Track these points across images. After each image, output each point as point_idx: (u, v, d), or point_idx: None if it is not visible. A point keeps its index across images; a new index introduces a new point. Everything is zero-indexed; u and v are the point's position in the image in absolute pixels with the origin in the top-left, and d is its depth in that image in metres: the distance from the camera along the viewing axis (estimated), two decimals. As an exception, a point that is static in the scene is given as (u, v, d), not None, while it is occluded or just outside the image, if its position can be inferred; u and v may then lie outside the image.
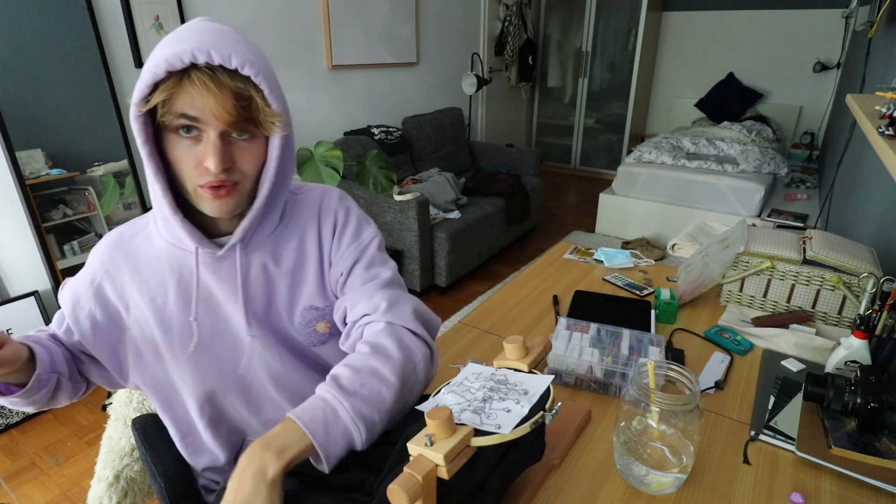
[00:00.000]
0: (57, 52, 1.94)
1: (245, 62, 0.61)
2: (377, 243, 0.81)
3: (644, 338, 0.98)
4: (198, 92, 0.61)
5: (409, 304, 0.76)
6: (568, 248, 1.57)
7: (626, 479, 0.74)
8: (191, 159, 0.65)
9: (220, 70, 0.61)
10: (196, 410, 0.80)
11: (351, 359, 0.69)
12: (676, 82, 5.00)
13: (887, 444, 0.75)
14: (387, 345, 0.70)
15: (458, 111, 3.77)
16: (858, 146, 2.13)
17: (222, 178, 0.65)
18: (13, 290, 2.04)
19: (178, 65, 0.59)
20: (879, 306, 0.90)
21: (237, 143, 0.66)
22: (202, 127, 0.63)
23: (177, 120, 0.62)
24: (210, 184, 0.65)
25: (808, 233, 1.22)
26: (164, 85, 0.60)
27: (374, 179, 2.39)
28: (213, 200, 0.67)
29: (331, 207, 0.81)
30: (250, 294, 0.76)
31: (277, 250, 0.77)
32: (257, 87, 0.63)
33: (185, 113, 0.62)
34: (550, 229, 3.88)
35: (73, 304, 0.76)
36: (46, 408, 0.75)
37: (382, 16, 3.29)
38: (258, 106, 0.64)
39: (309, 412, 0.62)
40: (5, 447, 1.81)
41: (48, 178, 1.96)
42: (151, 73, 0.60)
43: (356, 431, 0.63)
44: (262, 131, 0.67)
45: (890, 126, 0.83)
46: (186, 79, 0.60)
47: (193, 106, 0.61)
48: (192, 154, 0.64)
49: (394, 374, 0.67)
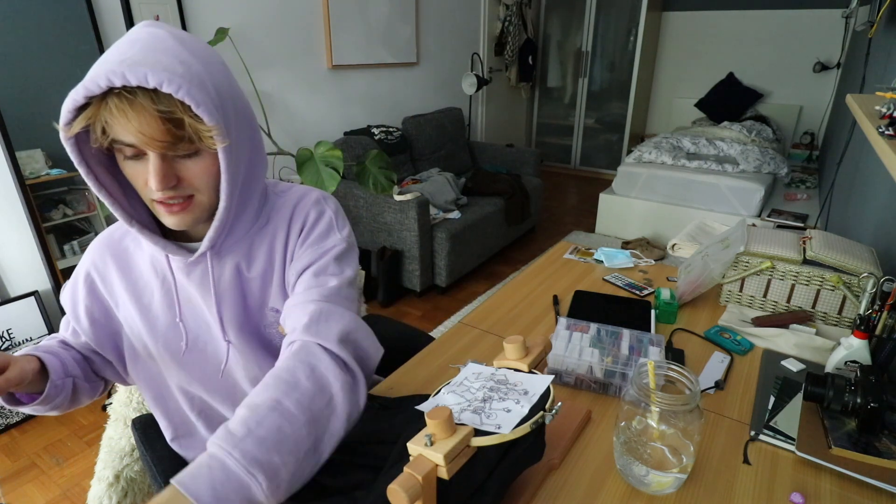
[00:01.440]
0: (57, 52, 1.94)
1: (163, 80, 0.55)
2: (338, 251, 0.76)
3: (644, 338, 0.98)
4: (117, 121, 0.57)
5: (340, 322, 0.67)
6: (568, 248, 1.57)
7: (626, 479, 0.74)
8: (139, 177, 0.63)
9: (140, 92, 0.56)
10: (187, 404, 0.82)
11: (252, 393, 0.61)
12: (676, 82, 5.00)
13: (887, 444, 0.75)
14: (295, 371, 0.61)
15: (458, 111, 3.77)
16: (858, 146, 2.13)
17: (171, 195, 0.63)
18: (13, 290, 2.04)
19: (95, 90, 0.55)
20: (879, 306, 0.90)
21: (181, 160, 0.63)
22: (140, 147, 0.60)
23: (115, 145, 0.61)
24: (161, 201, 0.64)
25: (808, 233, 1.22)
26: (85, 112, 0.58)
27: (374, 179, 2.39)
28: (168, 216, 0.66)
29: (304, 208, 0.78)
30: (224, 298, 0.75)
31: (250, 253, 0.76)
32: (183, 102, 0.58)
33: (120, 140, 0.59)
34: (550, 229, 3.87)
35: (73, 304, 0.78)
36: (71, 409, 0.76)
37: (382, 16, 3.29)
38: (188, 123, 0.59)
39: (192, 473, 0.52)
40: (5, 447, 1.81)
41: (48, 178, 1.96)
42: (72, 98, 0.57)
43: (253, 481, 0.52)
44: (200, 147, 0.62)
45: (890, 126, 0.83)
46: (104, 106, 0.57)
47: (121, 130, 0.58)
48: (140, 172, 0.63)
49: (298, 406, 0.58)
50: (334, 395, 0.62)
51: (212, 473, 0.52)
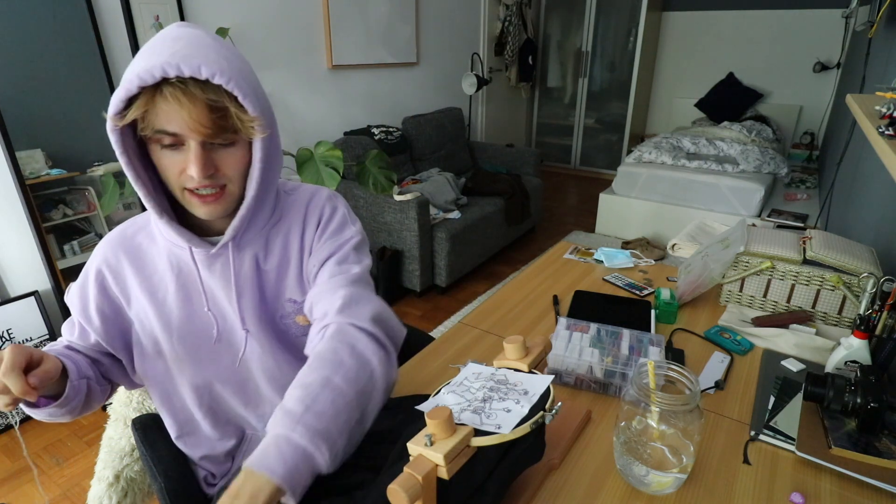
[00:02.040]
0: (57, 53, 1.94)
1: (215, 71, 0.60)
2: (356, 242, 0.81)
3: (644, 338, 0.98)
4: (171, 108, 0.61)
5: (370, 304, 0.73)
6: (568, 248, 1.57)
7: (626, 479, 0.74)
8: (175, 166, 0.66)
9: (191, 82, 0.61)
10: (194, 401, 0.82)
11: (301, 374, 0.65)
12: (676, 82, 5.00)
13: (887, 444, 0.75)
14: (338, 351, 0.66)
15: (458, 111, 3.77)
16: (858, 146, 2.13)
17: (207, 184, 0.67)
18: (13, 290, 2.04)
19: (150, 80, 0.59)
20: (879, 306, 0.90)
21: (219, 150, 0.67)
22: (182, 139, 0.64)
23: (156, 135, 0.64)
24: (196, 190, 0.67)
25: (808, 233, 1.22)
26: (137, 101, 0.61)
27: (374, 179, 2.39)
28: (201, 206, 0.69)
29: (318, 204, 0.83)
30: (243, 290, 0.78)
31: (267, 246, 0.80)
32: (231, 93, 0.63)
33: (163, 129, 0.63)
34: (550, 229, 3.87)
35: (83, 302, 0.77)
36: (81, 414, 0.75)
37: (382, 16, 3.29)
38: (233, 113, 0.64)
39: (261, 453, 0.57)
40: (5, 447, 1.81)
41: (48, 178, 1.96)
42: (125, 88, 0.60)
43: (317, 451, 0.57)
44: (243, 135, 0.67)
45: (890, 126, 0.83)
46: (159, 94, 0.61)
47: (169, 121, 0.62)
48: (176, 162, 0.66)
49: (346, 382, 0.63)
50: (374, 369, 0.67)
51: (280, 449, 0.56)
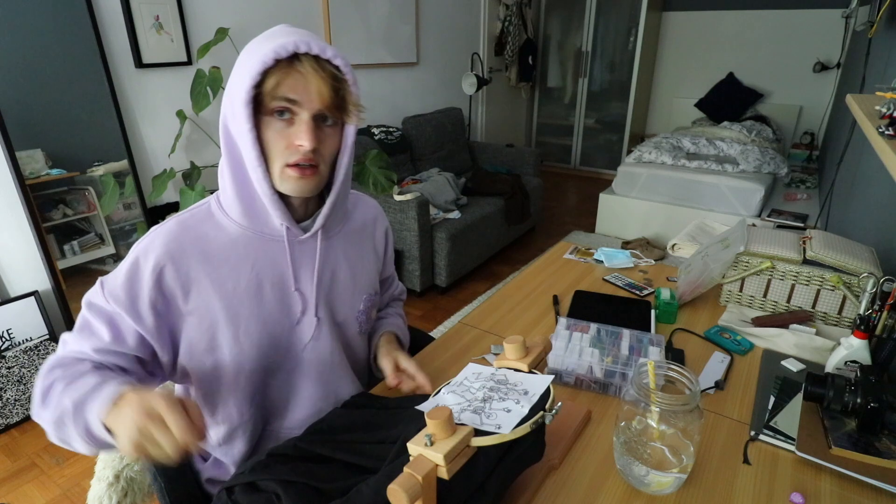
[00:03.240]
0: (57, 52, 1.94)
1: (336, 54, 0.71)
2: None
3: (644, 338, 0.98)
4: (302, 76, 0.68)
5: None
6: (568, 248, 1.57)
7: (626, 479, 0.74)
8: (282, 140, 0.71)
9: (317, 59, 0.69)
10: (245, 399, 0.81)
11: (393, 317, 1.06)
12: (676, 82, 5.00)
13: (887, 444, 0.75)
14: None
15: (458, 111, 3.77)
16: (858, 146, 2.13)
17: (310, 157, 0.72)
18: (13, 290, 2.04)
19: (285, 54, 0.67)
20: (879, 306, 0.90)
21: (322, 128, 0.73)
22: (297, 109, 0.70)
23: (277, 103, 0.69)
24: (298, 162, 0.72)
25: (808, 233, 1.22)
26: (273, 71, 0.67)
27: (374, 179, 2.39)
28: (298, 179, 0.73)
29: (383, 219, 0.99)
30: (322, 277, 0.84)
31: (345, 241, 0.88)
32: (344, 77, 0.71)
33: (287, 96, 0.69)
34: (550, 229, 3.88)
35: (130, 300, 0.72)
36: None
37: (382, 16, 3.29)
38: (347, 93, 0.72)
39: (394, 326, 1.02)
40: (5, 447, 1.81)
41: (48, 178, 1.96)
42: (261, 62, 0.66)
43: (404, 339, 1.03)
44: (344, 118, 0.75)
45: (890, 126, 0.83)
46: (296, 63, 0.68)
47: (296, 89, 0.69)
48: (285, 135, 0.71)
49: None
50: None
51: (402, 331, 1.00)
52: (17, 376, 1.89)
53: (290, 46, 0.67)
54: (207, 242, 0.76)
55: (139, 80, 2.21)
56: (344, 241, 0.88)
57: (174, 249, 0.74)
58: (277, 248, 0.79)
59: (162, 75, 2.27)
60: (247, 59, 0.69)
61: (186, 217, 0.78)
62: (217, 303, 0.76)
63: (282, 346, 0.82)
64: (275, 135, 0.71)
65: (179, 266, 0.74)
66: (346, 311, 0.88)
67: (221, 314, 0.76)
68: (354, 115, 0.74)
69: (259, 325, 0.79)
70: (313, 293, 0.83)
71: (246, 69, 0.68)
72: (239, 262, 0.77)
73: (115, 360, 0.72)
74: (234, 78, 0.71)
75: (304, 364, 0.85)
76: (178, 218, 0.77)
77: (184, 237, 0.75)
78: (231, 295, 0.76)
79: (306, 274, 0.82)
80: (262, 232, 0.78)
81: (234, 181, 0.75)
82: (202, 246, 0.75)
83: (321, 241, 0.83)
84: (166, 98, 2.30)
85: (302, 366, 0.85)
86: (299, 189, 0.74)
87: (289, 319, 0.82)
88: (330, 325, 0.86)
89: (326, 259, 0.84)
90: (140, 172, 2.24)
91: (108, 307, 0.72)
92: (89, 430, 0.63)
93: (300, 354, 0.84)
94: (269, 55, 0.66)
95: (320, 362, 0.86)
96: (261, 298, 0.78)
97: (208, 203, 0.79)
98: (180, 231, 0.75)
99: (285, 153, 0.72)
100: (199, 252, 0.75)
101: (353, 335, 0.91)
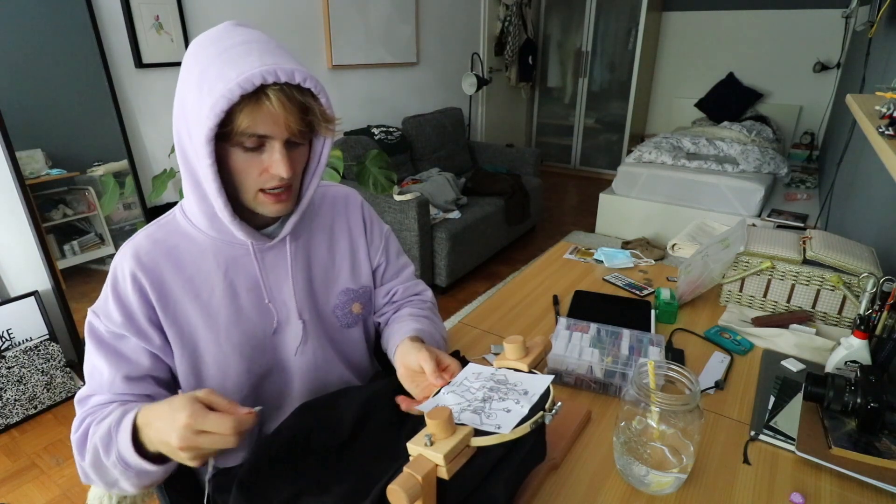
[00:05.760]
0: (57, 53, 1.94)
1: (306, 76, 0.65)
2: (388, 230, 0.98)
3: (644, 338, 0.98)
4: (271, 111, 0.63)
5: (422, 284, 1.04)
6: (568, 248, 1.57)
7: (626, 479, 0.74)
8: (254, 167, 0.68)
9: (285, 87, 0.64)
10: None
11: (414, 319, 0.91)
12: (676, 82, 5.00)
13: (887, 444, 0.75)
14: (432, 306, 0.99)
15: (458, 111, 3.77)
16: (858, 146, 2.13)
17: (287, 182, 0.70)
18: (13, 290, 2.04)
19: (250, 88, 0.61)
20: (879, 306, 0.90)
21: (291, 151, 0.70)
22: (267, 140, 0.67)
23: (246, 139, 0.65)
24: (274, 189, 0.70)
25: (808, 233, 1.22)
26: (241, 109, 0.62)
27: (374, 179, 2.39)
28: (275, 203, 0.72)
29: (355, 203, 0.93)
30: (297, 280, 0.82)
31: (311, 239, 0.85)
32: (316, 97, 0.67)
33: (257, 133, 0.65)
34: (550, 229, 3.87)
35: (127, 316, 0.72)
36: None
37: (382, 16, 3.28)
38: (318, 115, 0.68)
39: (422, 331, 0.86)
40: (5, 447, 1.81)
41: (48, 178, 1.97)
42: (225, 98, 0.60)
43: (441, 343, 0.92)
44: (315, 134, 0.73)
45: (890, 126, 0.83)
46: (264, 98, 0.62)
47: (265, 125, 0.64)
48: (256, 163, 0.68)
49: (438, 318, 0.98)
50: None
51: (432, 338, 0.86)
52: (17, 376, 1.89)
53: (255, 80, 0.60)
54: (179, 253, 0.76)
55: (139, 80, 2.21)
56: (315, 237, 0.86)
57: (147, 262, 0.74)
58: (248, 256, 0.78)
59: (162, 75, 2.27)
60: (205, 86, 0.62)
61: (154, 230, 0.77)
62: (194, 311, 0.75)
63: (267, 350, 0.81)
64: (244, 164, 0.68)
65: (153, 278, 0.74)
66: (327, 308, 0.87)
67: (200, 321, 0.76)
68: (329, 131, 0.71)
69: (238, 330, 0.78)
70: (293, 297, 0.81)
71: (206, 103, 0.61)
72: (211, 271, 0.76)
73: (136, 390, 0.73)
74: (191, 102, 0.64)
75: (296, 367, 0.84)
76: (145, 231, 0.77)
77: (155, 250, 0.75)
78: (207, 303, 0.76)
79: (281, 279, 0.81)
80: (230, 242, 0.77)
81: (196, 195, 0.71)
82: (174, 257, 0.75)
83: (290, 243, 0.81)
84: (166, 98, 2.30)
85: (294, 369, 0.84)
86: (277, 211, 0.73)
87: (270, 324, 0.81)
88: (316, 325, 0.85)
89: (297, 260, 0.82)
90: (140, 172, 2.24)
91: (110, 329, 0.72)
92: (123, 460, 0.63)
93: (291, 359, 0.83)
94: (234, 91, 0.60)
95: (312, 364, 0.85)
96: (238, 305, 0.78)
97: (174, 214, 0.78)
98: (150, 245, 0.75)
99: (258, 180, 0.69)
100: (172, 264, 0.75)
101: (336, 329, 0.89)
